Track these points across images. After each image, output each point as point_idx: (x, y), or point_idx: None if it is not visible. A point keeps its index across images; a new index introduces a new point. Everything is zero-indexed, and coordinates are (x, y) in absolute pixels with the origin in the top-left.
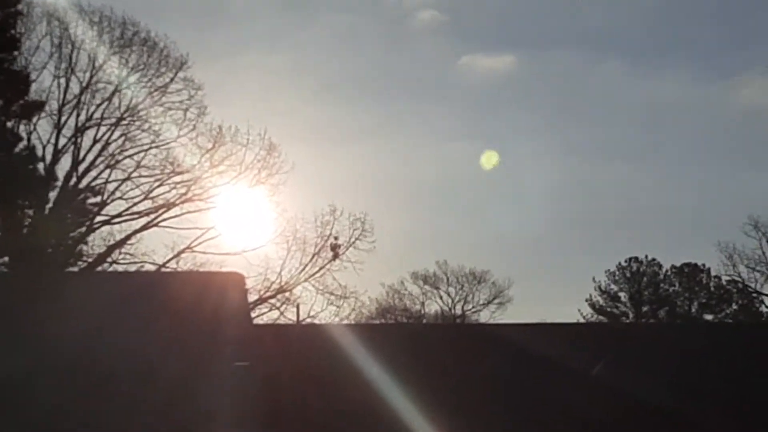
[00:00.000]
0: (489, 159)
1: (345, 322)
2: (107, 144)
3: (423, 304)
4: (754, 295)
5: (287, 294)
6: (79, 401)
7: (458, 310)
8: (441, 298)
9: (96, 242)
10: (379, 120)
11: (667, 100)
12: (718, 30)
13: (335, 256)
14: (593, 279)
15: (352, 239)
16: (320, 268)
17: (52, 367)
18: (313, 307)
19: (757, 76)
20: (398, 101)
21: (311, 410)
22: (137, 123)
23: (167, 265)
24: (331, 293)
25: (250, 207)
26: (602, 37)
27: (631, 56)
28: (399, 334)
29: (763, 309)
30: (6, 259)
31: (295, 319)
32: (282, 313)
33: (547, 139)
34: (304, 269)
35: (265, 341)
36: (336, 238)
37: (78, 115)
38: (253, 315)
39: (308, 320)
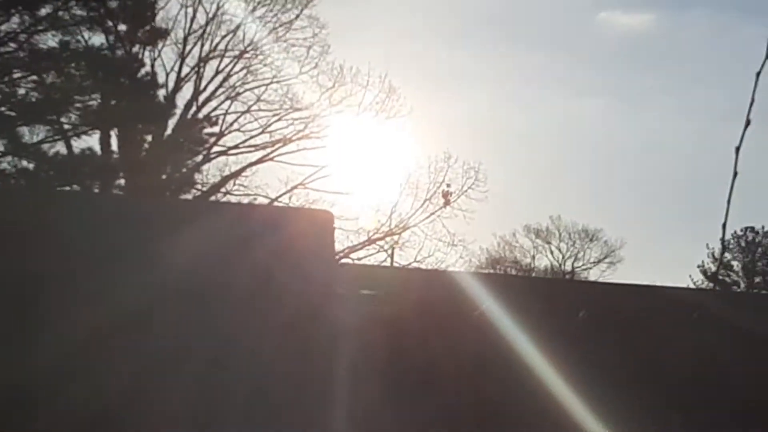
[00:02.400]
0: None
1: (451, 269)
2: (229, 76)
3: (533, 257)
4: None
5: (396, 237)
6: (182, 329)
7: (568, 266)
8: (552, 253)
9: (211, 171)
10: (505, 69)
11: None
12: None
13: (446, 203)
14: (707, 245)
15: (465, 187)
16: (430, 214)
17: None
18: (420, 252)
19: None
20: (528, 52)
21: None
22: (260, 57)
23: (279, 199)
24: (440, 240)
25: (365, 148)
26: None
27: None
28: (502, 284)
29: None
30: (122, 182)
31: (401, 262)
32: (389, 255)
33: (677, 99)
34: (414, 214)
35: (359, 281)
36: (448, 185)
37: (202, 46)
38: (360, 255)
39: (414, 264)
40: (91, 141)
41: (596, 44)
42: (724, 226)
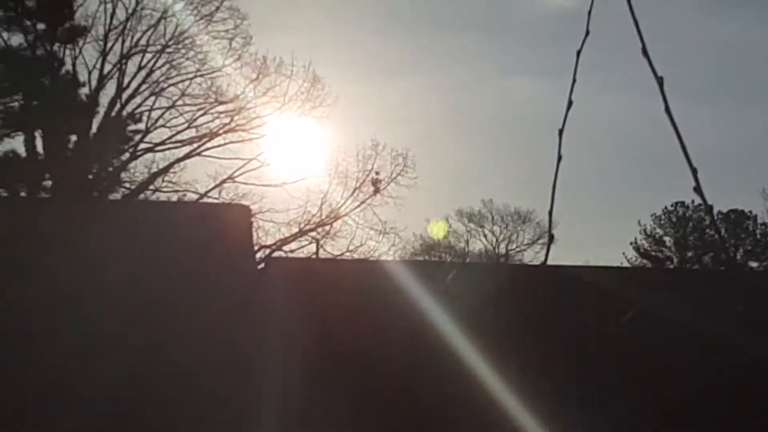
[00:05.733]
0: (438, 230)
1: (384, 257)
2: (152, 71)
3: (467, 242)
4: None
5: (327, 227)
6: (113, 321)
7: (502, 250)
8: (485, 236)
9: (138, 169)
10: (433, 53)
11: (732, 41)
12: None
13: (376, 191)
14: (639, 222)
15: (394, 175)
16: (361, 203)
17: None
18: (353, 242)
19: None
20: (456, 35)
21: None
22: (182, 51)
23: (209, 194)
24: (372, 228)
25: (292, 139)
26: None
27: None
28: (435, 271)
29: None
30: (49, 183)
31: (334, 252)
32: (321, 246)
33: (608, 75)
34: (344, 203)
35: (283, 274)
36: (377, 173)
37: (123, 42)
38: (292, 247)
39: (347, 254)
40: (15, 143)
41: (525, 21)
42: (550, 213)
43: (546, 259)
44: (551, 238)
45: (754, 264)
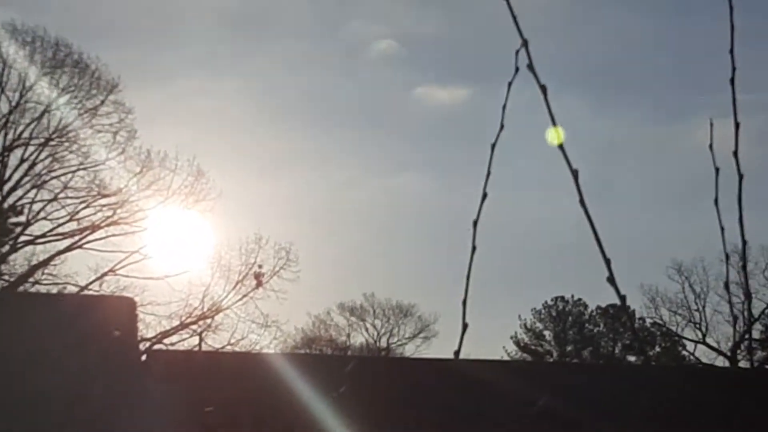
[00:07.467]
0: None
1: (266, 350)
2: (34, 164)
3: (349, 335)
4: (676, 338)
5: (209, 320)
6: None
7: (383, 343)
8: (367, 330)
9: (18, 262)
10: (319, 150)
11: (617, 138)
12: (674, 71)
13: (258, 285)
14: (519, 317)
15: (276, 268)
16: (243, 296)
17: None
18: (234, 334)
19: (706, 122)
20: (344, 131)
21: None
22: (66, 144)
23: (89, 287)
24: (253, 321)
25: (175, 232)
26: (557, 71)
27: (585, 93)
28: (307, 364)
29: (685, 353)
30: None
31: (215, 345)
32: (203, 340)
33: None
34: (226, 296)
35: (161, 368)
36: (260, 267)
37: (6, 134)
38: (173, 340)
39: (229, 347)
40: None
41: (413, 119)
42: (464, 302)
43: (459, 349)
44: (465, 326)
45: (631, 358)
